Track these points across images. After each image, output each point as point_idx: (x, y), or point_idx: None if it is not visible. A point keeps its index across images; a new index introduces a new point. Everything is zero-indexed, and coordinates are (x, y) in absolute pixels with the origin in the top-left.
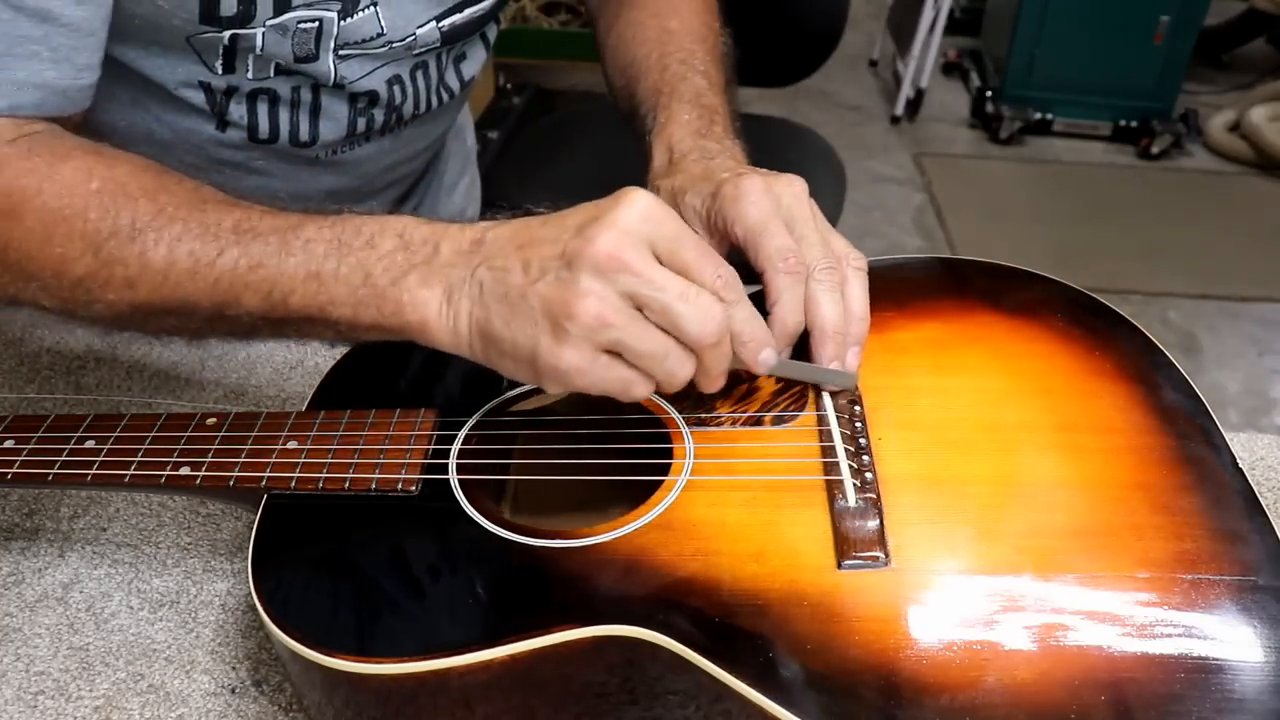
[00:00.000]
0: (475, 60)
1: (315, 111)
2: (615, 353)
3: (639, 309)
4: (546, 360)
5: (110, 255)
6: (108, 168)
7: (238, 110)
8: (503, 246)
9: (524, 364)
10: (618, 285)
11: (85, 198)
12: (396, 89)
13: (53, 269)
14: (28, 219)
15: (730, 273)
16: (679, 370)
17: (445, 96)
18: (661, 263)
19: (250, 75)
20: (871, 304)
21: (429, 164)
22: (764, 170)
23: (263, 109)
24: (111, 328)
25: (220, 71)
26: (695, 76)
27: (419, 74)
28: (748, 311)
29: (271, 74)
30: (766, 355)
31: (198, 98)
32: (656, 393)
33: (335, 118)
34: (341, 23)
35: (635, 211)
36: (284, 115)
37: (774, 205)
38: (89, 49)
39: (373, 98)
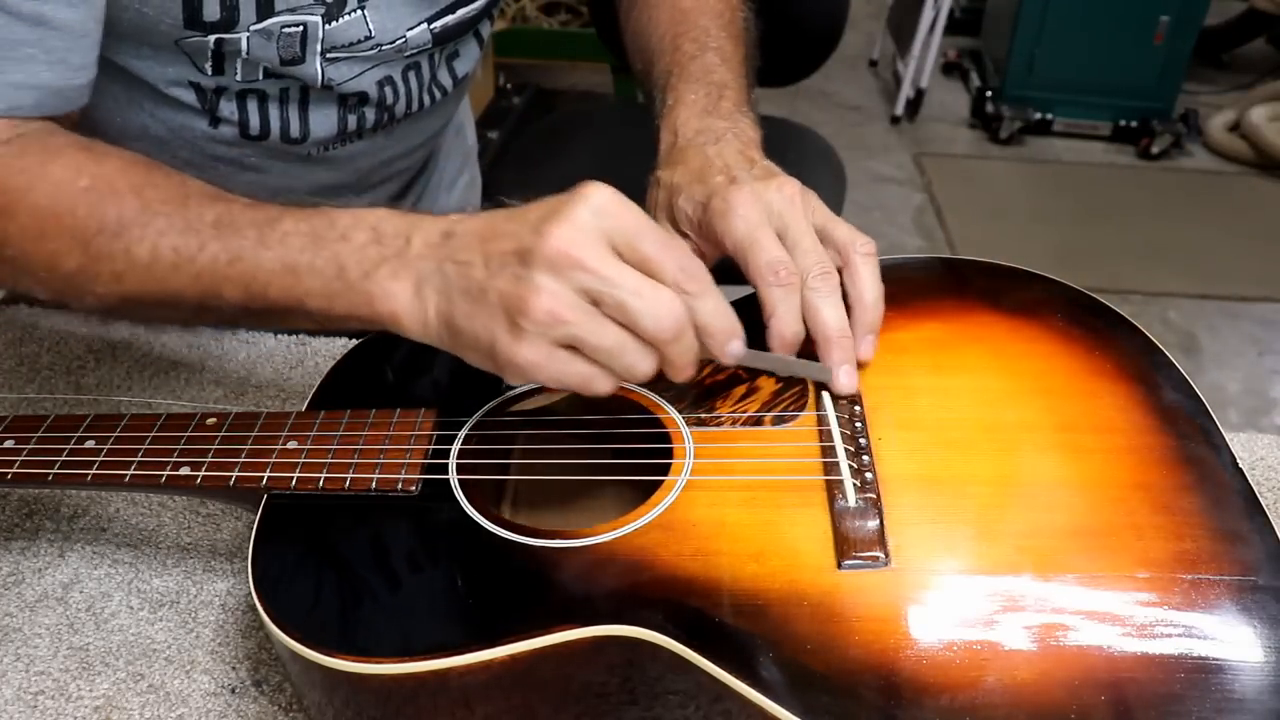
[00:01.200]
0: (469, 57)
1: (305, 109)
2: (574, 348)
3: (596, 304)
4: (504, 355)
5: (98, 251)
6: (97, 164)
7: (228, 107)
8: (469, 240)
9: (485, 357)
10: (572, 282)
11: (74, 195)
12: (388, 89)
13: (45, 264)
14: (21, 217)
15: (694, 265)
16: (639, 365)
17: (438, 94)
18: (622, 257)
19: (239, 77)
20: None
21: (426, 160)
22: (760, 170)
23: (253, 106)
24: (105, 317)
25: (210, 73)
26: (707, 54)
27: (410, 74)
28: (713, 303)
29: (260, 76)
30: (734, 347)
31: (189, 96)
32: (656, 392)
33: (325, 116)
34: (326, 26)
35: (592, 206)
36: (274, 112)
37: (763, 215)
38: (83, 49)
39: (363, 98)
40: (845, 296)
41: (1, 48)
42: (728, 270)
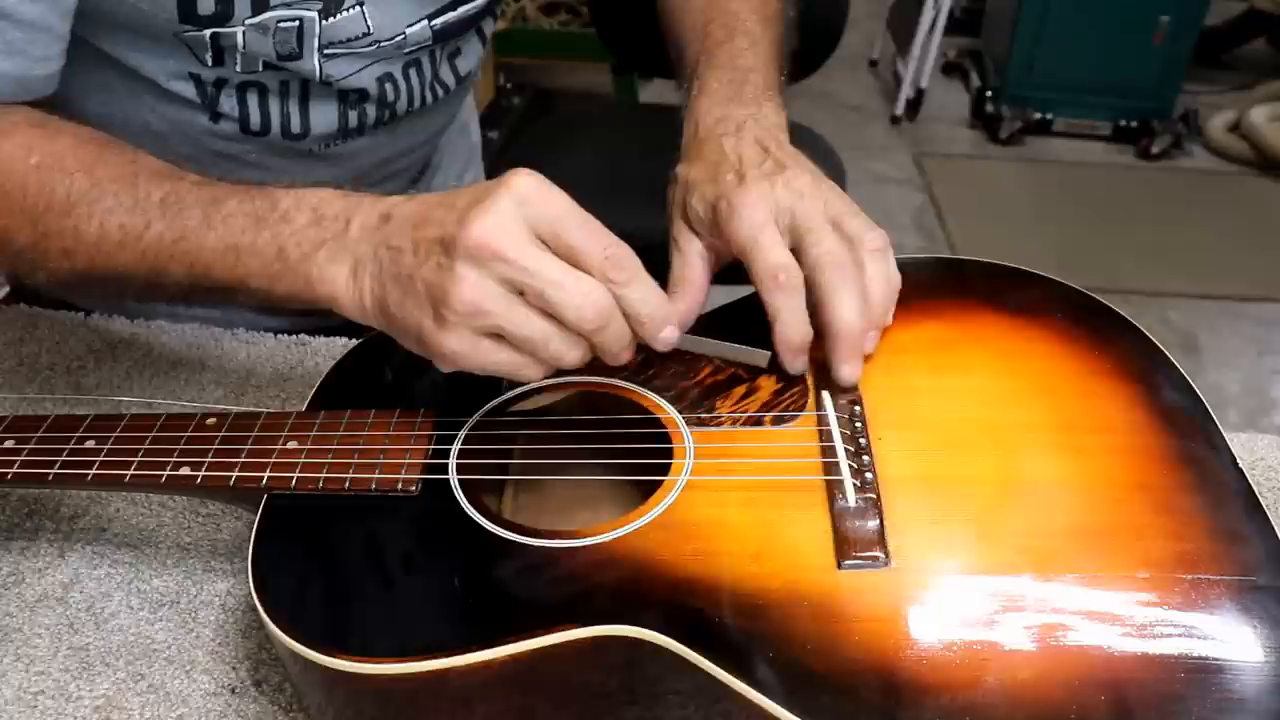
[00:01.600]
0: (471, 55)
1: (306, 104)
2: (501, 337)
3: (521, 295)
4: (431, 343)
5: (47, 228)
6: (49, 141)
7: (229, 102)
8: (402, 225)
9: (414, 343)
10: (494, 272)
11: (24, 174)
12: (388, 86)
13: None
14: None
15: (622, 251)
16: (565, 354)
17: (440, 92)
18: (548, 245)
19: (239, 69)
20: None
21: (429, 158)
22: (771, 164)
23: (253, 101)
24: (61, 291)
25: (210, 64)
26: (735, 38)
27: (411, 71)
28: (642, 290)
29: (260, 68)
30: (667, 334)
31: (189, 90)
32: (656, 392)
33: (326, 112)
34: (323, 22)
35: (515, 195)
36: (275, 107)
37: (768, 214)
38: (45, 42)
39: (363, 94)
40: None
41: None
42: (738, 270)
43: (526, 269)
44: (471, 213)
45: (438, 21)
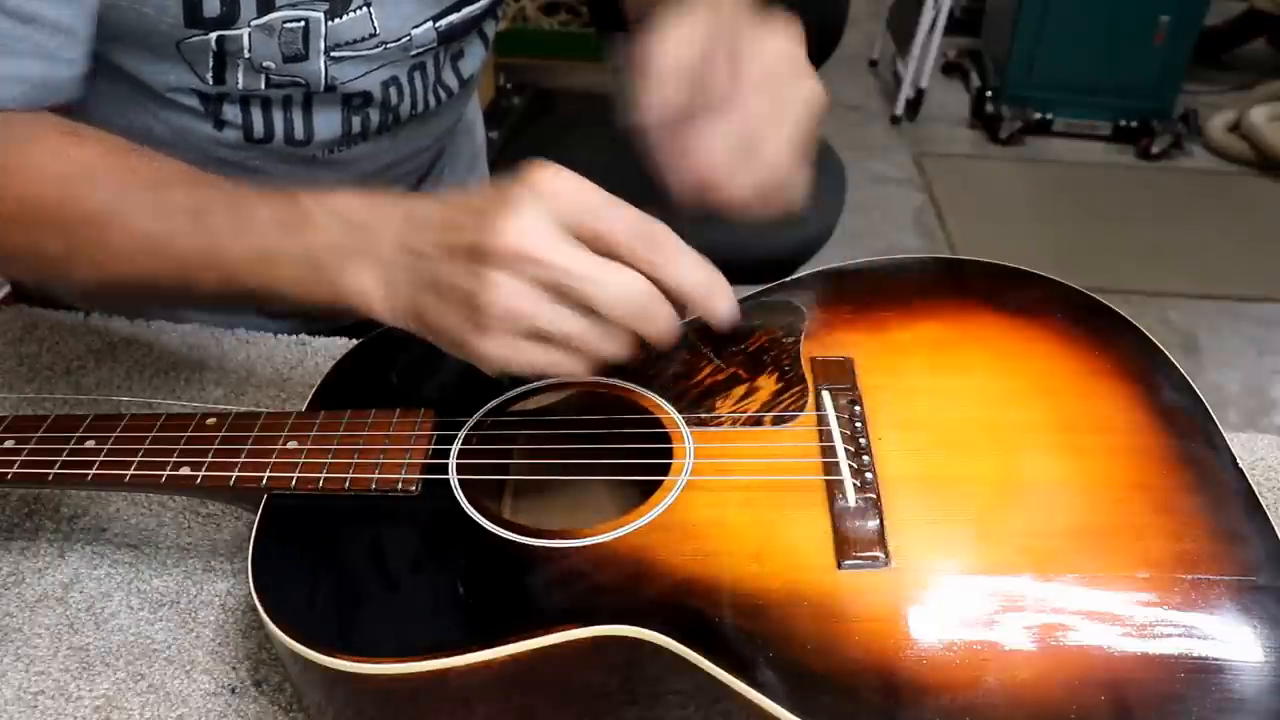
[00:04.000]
0: (474, 58)
1: (309, 111)
2: (542, 336)
3: (557, 293)
4: (472, 349)
5: (78, 238)
6: (78, 148)
7: (232, 110)
8: (429, 229)
9: (455, 349)
10: (527, 275)
11: (54, 183)
12: (392, 90)
13: (26, 250)
14: (3, 205)
15: (652, 229)
16: (609, 347)
17: (444, 95)
18: (580, 237)
19: (240, 85)
20: (871, 304)
21: (434, 161)
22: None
23: (256, 111)
24: (89, 301)
25: (211, 83)
26: None
27: (416, 74)
28: (683, 264)
29: (262, 86)
30: (723, 307)
31: (191, 101)
32: (656, 392)
33: (329, 118)
34: (330, 23)
35: (539, 193)
36: (278, 116)
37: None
38: (72, 45)
39: (367, 99)
40: None
41: None
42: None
43: (560, 267)
44: (498, 216)
45: (443, 23)
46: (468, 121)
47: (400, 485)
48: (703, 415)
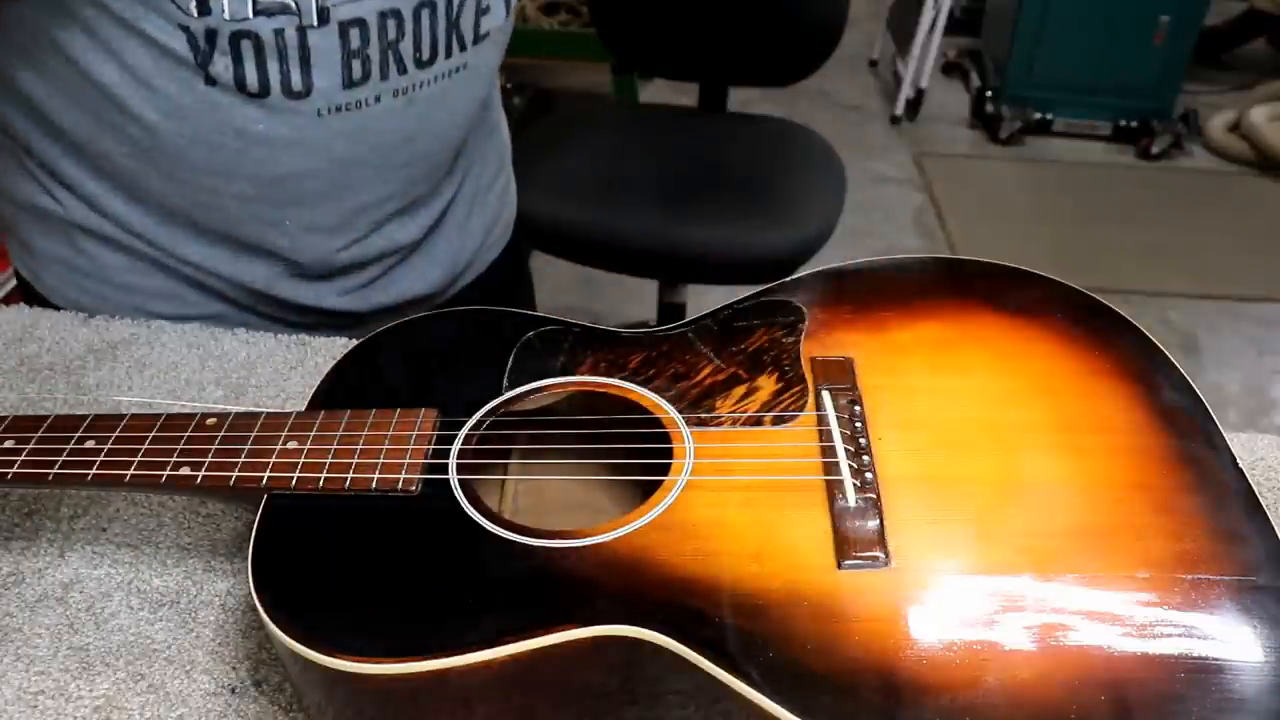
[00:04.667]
0: (498, 12)
1: (305, 57)
2: None
3: None
4: None
5: None
6: None
7: (222, 61)
8: None
9: None
10: None
11: None
12: (390, 22)
13: None
14: None
15: None
16: None
17: (455, 47)
18: None
19: (226, 15)
20: (871, 304)
21: (456, 160)
22: None
23: (248, 57)
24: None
25: (196, 13)
26: None
27: (424, 12)
28: None
29: (250, 13)
30: None
31: (180, 46)
32: (656, 392)
33: (327, 62)
34: None
35: None
36: (272, 66)
37: None
38: None
39: (364, 32)
40: None
41: None
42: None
43: None
44: None
45: None
46: (492, 121)
47: (400, 485)
48: (703, 415)
